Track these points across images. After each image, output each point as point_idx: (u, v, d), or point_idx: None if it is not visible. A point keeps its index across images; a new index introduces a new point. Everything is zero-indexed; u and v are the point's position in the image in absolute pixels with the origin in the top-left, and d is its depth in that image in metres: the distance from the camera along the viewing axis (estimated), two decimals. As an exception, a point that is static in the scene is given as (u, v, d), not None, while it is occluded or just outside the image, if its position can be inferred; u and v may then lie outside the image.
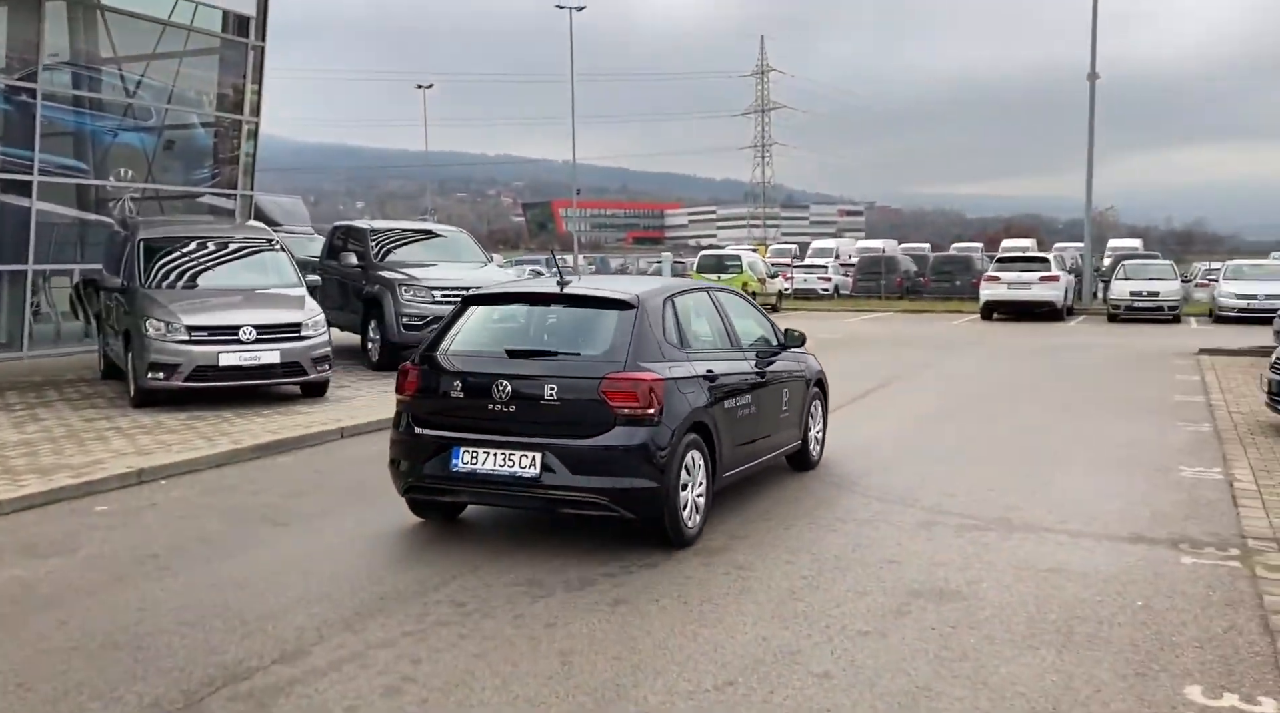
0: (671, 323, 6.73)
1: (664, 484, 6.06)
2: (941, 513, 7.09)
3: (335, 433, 9.86)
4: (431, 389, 6.45)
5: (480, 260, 15.84)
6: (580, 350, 6.43)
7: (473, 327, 6.86)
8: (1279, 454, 9.02)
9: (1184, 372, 15.63)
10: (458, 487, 6.35)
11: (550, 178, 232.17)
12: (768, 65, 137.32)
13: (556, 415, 6.11)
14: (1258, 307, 26.39)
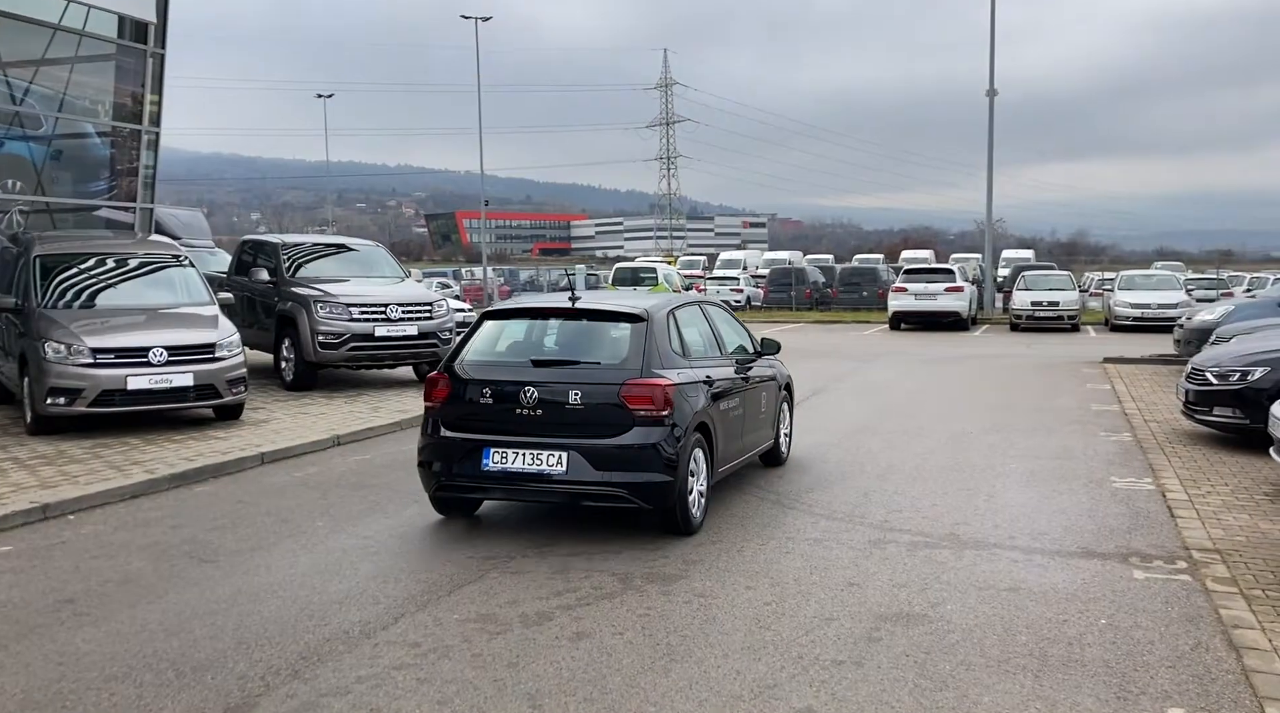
0: (675, 333, 7.38)
1: (676, 478, 6.71)
2: (890, 530, 7.04)
3: (256, 459, 9.42)
4: (459, 396, 7.04)
5: (398, 275, 15.42)
6: (600, 359, 7.07)
7: (491, 339, 7.55)
8: (1201, 464, 9.24)
9: (1094, 381, 16.04)
10: (488, 485, 6.92)
11: (452, 189, 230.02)
12: (671, 79, 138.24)
13: (580, 418, 6.74)
14: (1151, 316, 27.40)
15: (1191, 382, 10.31)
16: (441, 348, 14.27)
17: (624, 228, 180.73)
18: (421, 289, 15.75)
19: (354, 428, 10.81)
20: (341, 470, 9.25)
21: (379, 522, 7.43)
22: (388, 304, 13.77)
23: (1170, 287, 28.95)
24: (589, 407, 6.73)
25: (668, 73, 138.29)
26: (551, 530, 7.13)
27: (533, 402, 6.78)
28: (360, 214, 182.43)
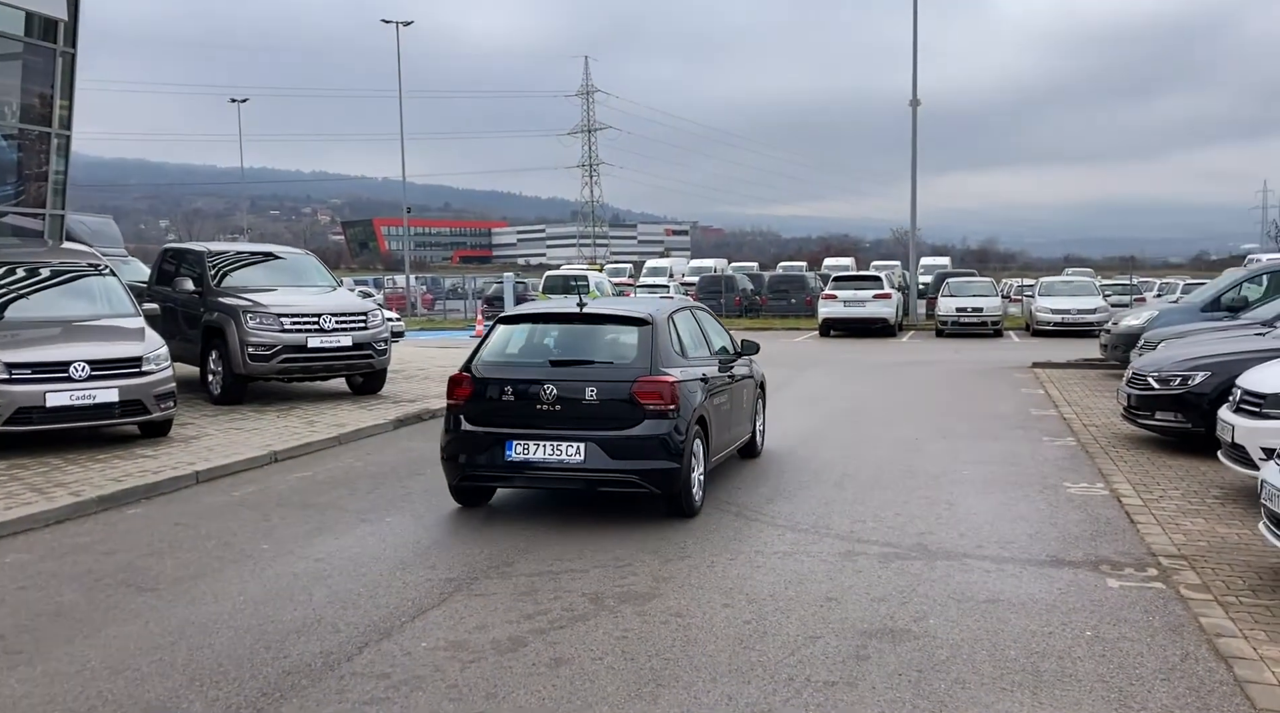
0: (674, 335, 8.09)
1: (682, 466, 7.42)
2: (858, 542, 6.94)
3: (189, 478, 8.97)
4: (481, 394, 7.64)
5: (329, 284, 14.95)
6: (611, 359, 7.78)
7: (507, 341, 8.20)
8: (1148, 468, 9.34)
9: (1027, 385, 16.27)
10: (511, 474, 7.57)
11: (369, 195, 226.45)
12: (593, 86, 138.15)
13: (595, 413, 7.40)
14: (1071, 321, 28.06)
15: (1133, 386, 10.45)
16: (377, 359, 13.88)
17: (546, 235, 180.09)
18: (355, 298, 15.31)
19: (291, 444, 10.39)
20: (282, 489, 8.86)
21: (328, 543, 7.09)
22: (321, 314, 13.33)
23: (1088, 292, 29.69)
24: (603, 402, 7.42)
25: (589, 80, 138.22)
26: (511, 549, 6.88)
27: (552, 398, 7.43)
28: (274, 222, 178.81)
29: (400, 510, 8.05)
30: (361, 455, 10.41)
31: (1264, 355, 9.65)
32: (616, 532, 7.28)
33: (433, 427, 12.18)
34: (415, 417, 12.50)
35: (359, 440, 11.26)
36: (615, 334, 8.04)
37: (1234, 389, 8.20)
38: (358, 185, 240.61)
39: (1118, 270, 76.87)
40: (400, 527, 7.54)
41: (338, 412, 12.72)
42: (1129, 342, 16.93)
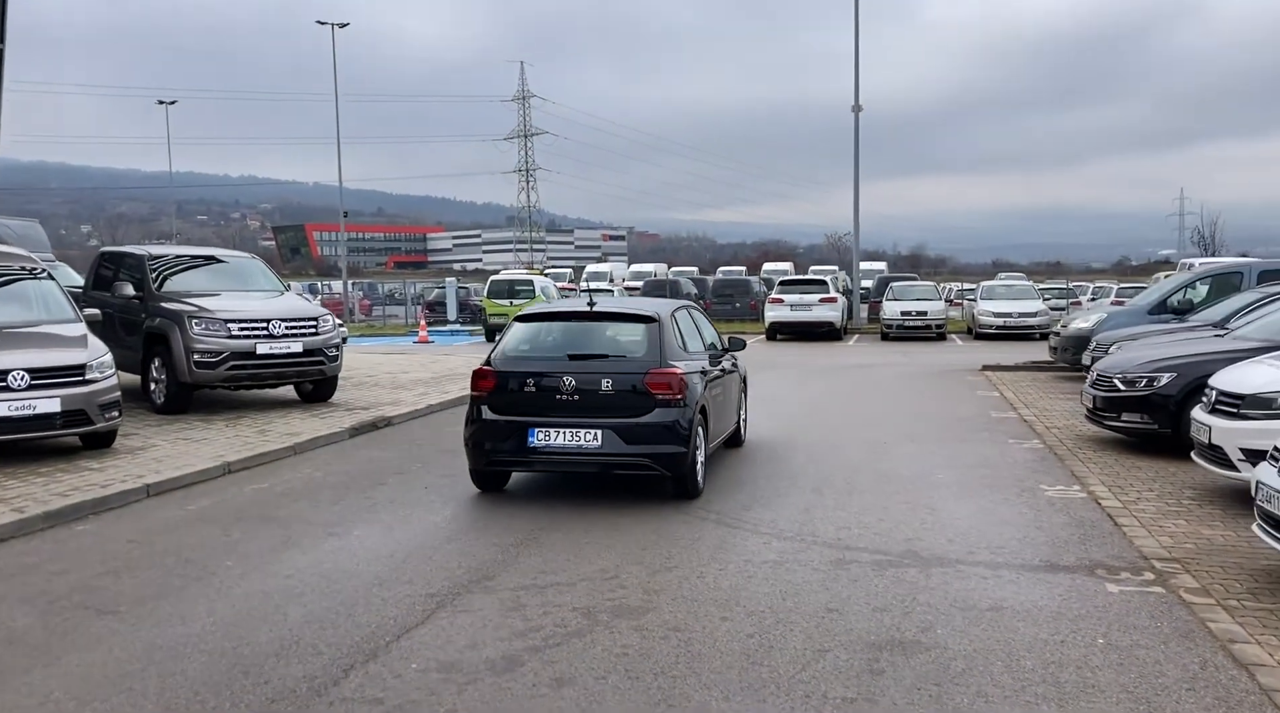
0: (677, 331, 8.81)
1: (689, 449, 8.09)
2: (848, 549, 6.79)
3: (140, 491, 8.53)
4: (503, 386, 8.24)
5: (276, 288, 14.47)
6: (624, 353, 8.40)
7: (524, 338, 8.82)
8: (1118, 470, 9.35)
9: (982, 388, 16.35)
10: (533, 458, 8.19)
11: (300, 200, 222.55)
12: (529, 92, 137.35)
13: (610, 402, 8.02)
14: (1014, 324, 28.44)
15: (1098, 388, 10.49)
16: (329, 366, 13.46)
17: (482, 241, 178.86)
18: (305, 303, 14.84)
19: (244, 454, 9.98)
20: (240, 502, 8.47)
21: (296, 559, 6.75)
22: (270, 319, 12.88)
23: (1029, 296, 30.12)
24: (617, 393, 8.04)
25: (525, 85, 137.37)
26: (491, 562, 6.61)
27: (570, 389, 8.06)
28: (202, 227, 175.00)
29: (368, 523, 7.73)
30: (320, 465, 10.04)
31: (1228, 356, 9.74)
32: (599, 542, 7.05)
33: (389, 436, 11.83)
34: (370, 425, 12.13)
35: (315, 450, 10.87)
36: (625, 330, 8.74)
37: (1207, 390, 8.22)
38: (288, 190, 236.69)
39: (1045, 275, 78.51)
40: (370, 540, 7.23)
41: (289, 420, 12.29)
42: (1079, 344, 17.13)
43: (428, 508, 8.21)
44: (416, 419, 13.15)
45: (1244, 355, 9.61)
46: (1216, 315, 14.62)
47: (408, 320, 40.31)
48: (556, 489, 8.82)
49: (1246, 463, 7.40)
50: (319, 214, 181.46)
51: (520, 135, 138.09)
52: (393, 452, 10.84)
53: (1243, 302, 14.53)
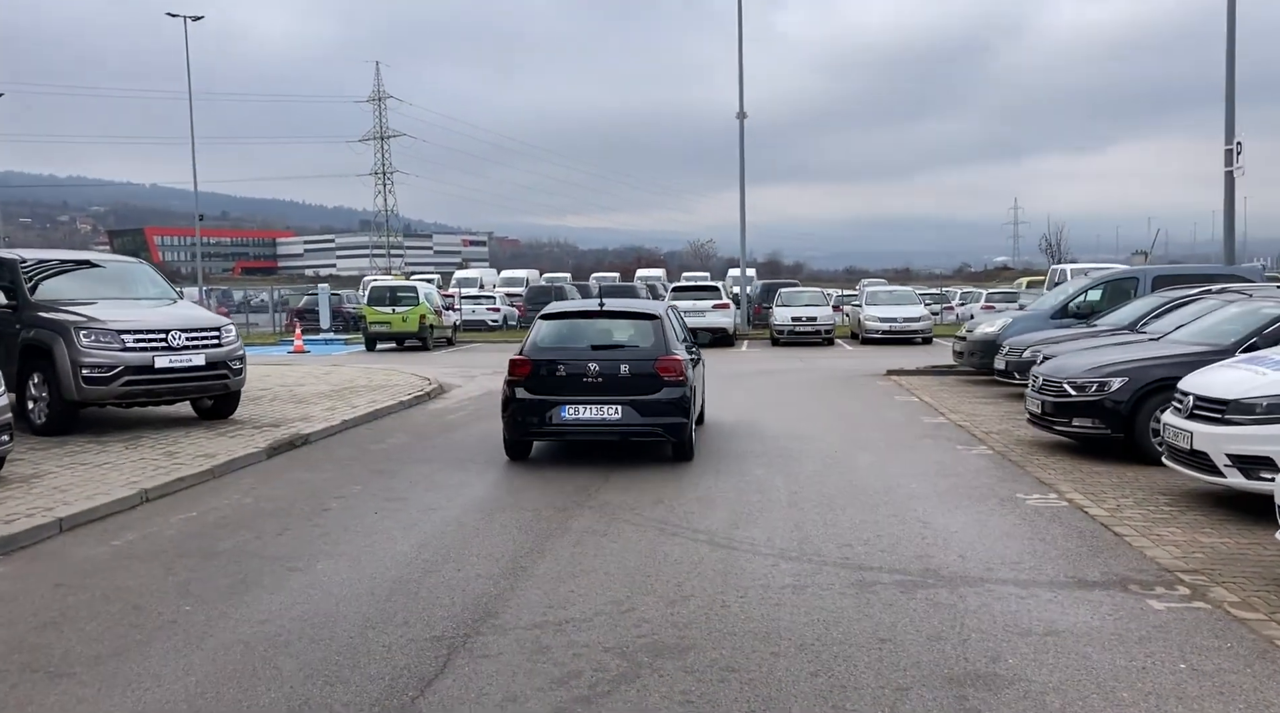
0: (673, 326, 10.68)
1: (689, 420, 10.03)
2: (861, 569, 6.46)
3: (52, 527, 7.55)
4: (537, 372, 9.96)
5: (168, 296, 13.34)
6: (637, 344, 10.23)
7: (550, 333, 10.51)
8: (1080, 475, 9.32)
9: (898, 393, 16.41)
10: (564, 430, 9.95)
11: (137, 202, 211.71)
12: (385, 93, 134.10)
13: (627, 384, 9.83)
14: (899, 328, 29.02)
15: (1046, 394, 10.51)
16: (233, 380, 12.45)
17: (336, 245, 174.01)
18: (205, 312, 13.74)
19: (159, 480, 9.02)
20: (171, 535, 7.58)
21: (264, 600, 6.01)
22: (169, 330, 11.81)
23: (910, 302, 30.81)
24: (633, 376, 9.86)
25: (380, 86, 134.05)
26: (486, 595, 6.01)
27: (595, 374, 9.85)
28: (26, 230, 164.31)
29: (329, 555, 6.99)
30: (246, 490, 9.17)
31: (1175, 361, 9.90)
32: (596, 569, 6.53)
33: (311, 455, 10.98)
34: (288, 444, 11.23)
35: (234, 473, 9.96)
36: (634, 326, 10.50)
37: (1179, 395, 8.24)
38: (123, 192, 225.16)
39: (896, 281, 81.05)
40: (339, 575, 6.52)
41: (196, 440, 11.27)
42: (986, 348, 17.43)
43: (388, 536, 7.52)
44: (333, 436, 12.29)
45: (1191, 359, 9.78)
46: (1124, 319, 15.04)
47: (275, 329, 38.49)
48: (528, 508, 8.23)
49: (1234, 469, 7.42)
50: (159, 217, 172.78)
51: (377, 137, 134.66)
52: (322, 473, 10.02)
53: (1147, 306, 14.97)
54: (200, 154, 48.86)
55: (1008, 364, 15.51)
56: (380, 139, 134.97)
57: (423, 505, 8.55)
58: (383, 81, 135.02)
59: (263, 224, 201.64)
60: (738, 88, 34.61)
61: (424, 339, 29.23)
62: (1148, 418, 9.79)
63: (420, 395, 15.65)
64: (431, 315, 29.44)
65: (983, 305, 38.57)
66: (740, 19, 34.12)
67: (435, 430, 12.85)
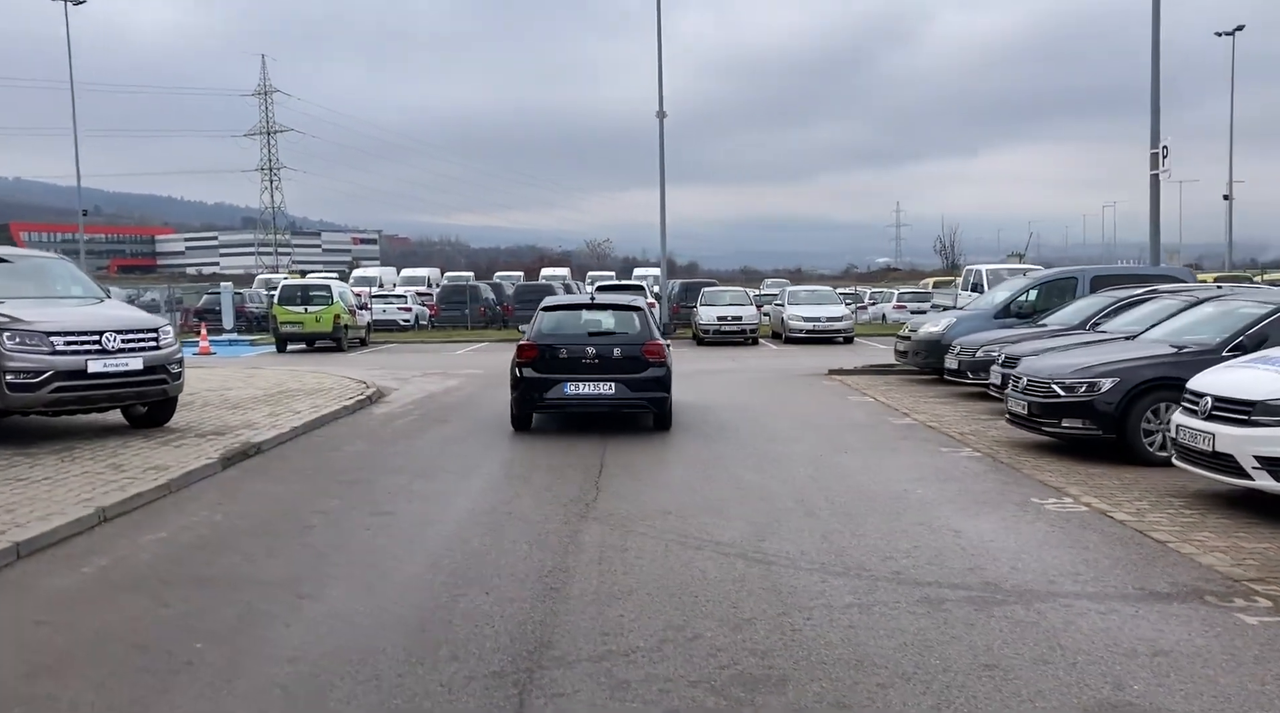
0: (653, 317, 12.53)
1: (669, 395, 11.91)
2: (918, 584, 6.12)
3: (8, 553, 6.71)
4: (542, 356, 11.72)
5: (95, 294, 12.32)
6: (626, 331, 12.09)
7: (551, 322, 12.40)
8: (1081, 477, 9.21)
9: (850, 393, 16.28)
10: (566, 402, 11.66)
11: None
12: (271, 86, 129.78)
13: (619, 365, 11.62)
14: (822, 328, 29.10)
15: (1033, 394, 10.42)
16: (171, 385, 11.53)
17: (219, 243, 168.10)
18: (139, 312, 12.72)
19: (116, 497, 8.19)
20: (148, 560, 6.83)
21: (282, 634, 5.37)
22: (103, 331, 10.86)
23: (832, 301, 30.97)
24: (625, 358, 11.71)
25: (267, 80, 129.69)
26: (530, 623, 5.48)
27: (592, 356, 11.68)
28: None
29: (333, 579, 6.37)
30: (211, 506, 8.40)
31: (1162, 361, 9.92)
32: (637, 590, 6.05)
33: (268, 466, 10.23)
34: (241, 453, 10.42)
35: (191, 487, 9.15)
36: (623, 316, 12.47)
37: (1193, 396, 8.15)
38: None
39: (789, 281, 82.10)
40: (358, 602, 5.91)
41: (139, 451, 10.37)
42: (930, 348, 17.47)
43: (390, 555, 6.92)
44: (286, 444, 11.49)
45: (1181, 359, 9.81)
46: (1073, 319, 15.18)
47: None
48: (529, 519, 7.70)
49: (1263, 471, 7.34)
50: (24, 212, 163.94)
51: (263, 132, 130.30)
52: (289, 485, 9.29)
53: (1094, 306, 15.14)
54: (68, 146, 46.32)
55: (960, 364, 15.52)
56: (267, 134, 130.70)
57: (414, 520, 7.95)
58: (269, 75, 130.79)
59: (139, 221, 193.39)
60: (657, 87, 34.27)
61: (338, 340, 28.13)
62: (1139, 419, 9.76)
63: (361, 399, 14.87)
64: (346, 315, 28.35)
65: (894, 305, 39.18)
66: (659, 18, 33.83)
67: (391, 437, 12.15)
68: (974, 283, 29.57)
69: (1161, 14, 20.24)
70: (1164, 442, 9.76)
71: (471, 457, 10.72)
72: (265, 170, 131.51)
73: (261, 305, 39.63)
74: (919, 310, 37.89)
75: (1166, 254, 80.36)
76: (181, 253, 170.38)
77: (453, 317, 36.68)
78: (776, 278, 78.55)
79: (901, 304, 38.93)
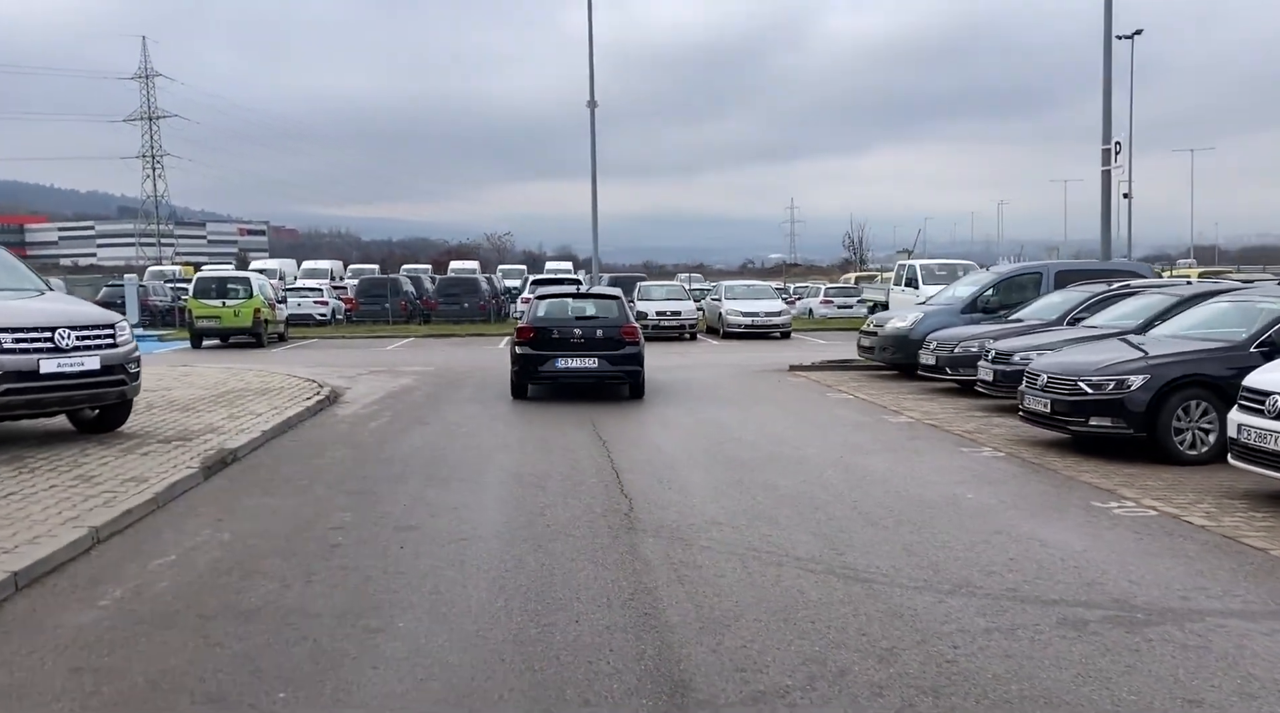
0: (628, 305, 15.28)
1: (642, 369, 14.41)
2: (1043, 603, 5.62)
3: (5, 585, 5.77)
4: (538, 336, 14.13)
5: (37, 286, 11.12)
6: (606, 316, 14.58)
7: (545, 307, 15.07)
8: (1126, 477, 8.96)
9: (827, 391, 15.91)
10: (558, 375, 14.07)
11: None
12: (153, 69, 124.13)
13: (602, 344, 14.03)
14: (760, 323, 28.86)
15: (1056, 392, 10.16)
16: (130, 386, 10.47)
17: (96, 233, 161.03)
18: (92, 306, 11.55)
19: (104, 515, 7.23)
20: (168, 588, 5.95)
21: (373, 677, 4.62)
22: (54, 327, 9.75)
23: (769, 296, 30.78)
24: (606, 338, 14.10)
25: (148, 63, 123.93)
26: (641, 652, 4.86)
27: (578, 337, 14.07)
28: None
29: (395, 607, 5.62)
30: (213, 524, 7.50)
31: (1197, 357, 9.76)
32: (736, 613, 5.46)
33: (255, 475, 9.34)
34: (219, 462, 9.46)
35: (178, 501, 8.21)
36: (605, 303, 15.07)
37: (1255, 394, 7.92)
38: None
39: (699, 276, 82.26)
40: (435, 636, 5.17)
41: (104, 460, 9.32)
42: (899, 343, 17.27)
43: (445, 579, 6.18)
44: (260, 450, 10.54)
45: (1211, 356, 9.69)
46: (1050, 313, 15.09)
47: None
48: (573, 533, 7.03)
49: (1346, 472, 7.17)
50: None
51: (144, 118, 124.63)
52: (285, 498, 8.41)
53: (1072, 300, 15.09)
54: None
55: (938, 360, 15.31)
56: (149, 120, 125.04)
57: (447, 535, 7.20)
58: (150, 58, 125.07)
59: (7, 209, 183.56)
60: (589, 75, 33.53)
61: (259, 335, 26.72)
62: (1170, 416, 9.56)
63: (320, 400, 13.89)
64: (266, 310, 26.94)
65: (821, 300, 39.29)
66: (590, 4, 33.08)
67: (373, 441, 11.27)
68: (908, 278, 29.72)
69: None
70: (1194, 440, 9.63)
71: (470, 461, 9.97)
72: (146, 157, 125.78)
73: (165, 299, 37.64)
74: (845, 305, 38.12)
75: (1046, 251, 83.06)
76: (55, 243, 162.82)
77: (373, 311, 35.35)
78: (681, 273, 78.36)
79: (829, 299, 39.09)
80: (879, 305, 32.96)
